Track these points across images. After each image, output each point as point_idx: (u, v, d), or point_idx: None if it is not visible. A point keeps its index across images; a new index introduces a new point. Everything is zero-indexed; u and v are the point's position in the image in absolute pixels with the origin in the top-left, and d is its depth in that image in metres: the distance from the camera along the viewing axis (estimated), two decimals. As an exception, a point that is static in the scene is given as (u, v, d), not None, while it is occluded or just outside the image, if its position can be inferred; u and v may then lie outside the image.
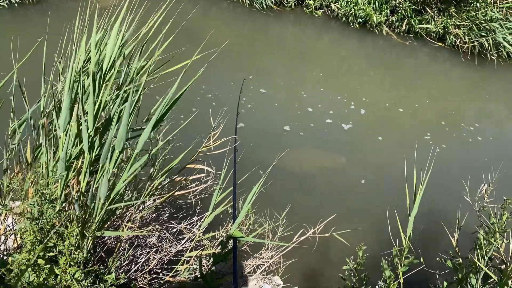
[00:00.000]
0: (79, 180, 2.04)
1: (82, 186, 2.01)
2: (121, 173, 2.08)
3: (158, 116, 2.00)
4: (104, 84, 2.00)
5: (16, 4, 6.91)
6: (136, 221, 2.53)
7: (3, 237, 2.12)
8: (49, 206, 1.79)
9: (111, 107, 2.06)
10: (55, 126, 2.14)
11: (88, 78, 2.00)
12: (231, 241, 2.28)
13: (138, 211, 2.58)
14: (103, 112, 2.04)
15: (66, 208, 2.10)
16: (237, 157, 2.76)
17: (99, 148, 2.03)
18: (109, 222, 2.27)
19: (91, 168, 2.05)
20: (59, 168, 1.95)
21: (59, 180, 1.97)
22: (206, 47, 2.24)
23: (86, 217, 2.05)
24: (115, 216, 2.46)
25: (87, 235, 1.97)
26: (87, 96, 2.00)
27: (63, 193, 2.02)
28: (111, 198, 1.99)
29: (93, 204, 2.02)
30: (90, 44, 2.11)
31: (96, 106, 1.94)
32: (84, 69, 2.08)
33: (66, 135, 1.97)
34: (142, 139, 1.99)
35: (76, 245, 1.80)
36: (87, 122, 1.91)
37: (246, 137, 4.83)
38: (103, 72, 2.01)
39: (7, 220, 2.24)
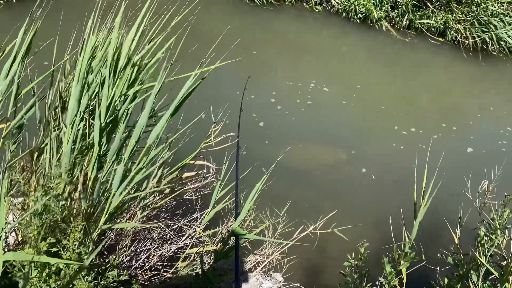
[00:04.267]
0: (87, 173, 2.04)
1: (91, 176, 2.01)
2: (131, 167, 2.09)
3: (175, 105, 2.01)
4: (118, 78, 2.01)
5: (14, 1, 6.87)
6: (137, 218, 2.53)
7: (4, 234, 2.13)
8: (54, 201, 1.79)
9: (122, 103, 2.07)
10: (59, 123, 2.15)
11: (103, 69, 2.01)
12: (232, 238, 2.28)
13: (142, 208, 2.58)
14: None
15: (70, 204, 2.10)
16: (238, 153, 2.75)
17: (106, 143, 2.04)
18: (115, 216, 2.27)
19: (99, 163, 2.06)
20: (63, 163, 1.95)
21: (63, 175, 1.97)
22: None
23: (93, 211, 2.05)
24: (122, 210, 2.47)
25: (95, 228, 1.98)
26: (96, 88, 2.02)
27: (67, 188, 2.02)
28: (126, 190, 2.01)
29: (100, 198, 2.03)
30: (100, 36, 2.12)
31: (110, 99, 1.94)
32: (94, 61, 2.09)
33: (72, 127, 1.98)
34: (158, 128, 2.01)
35: (80, 240, 1.80)
36: (99, 114, 1.92)
37: (247, 133, 4.83)
38: (120, 65, 2.02)
39: (8, 216, 2.24)
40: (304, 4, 9.19)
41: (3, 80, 2.05)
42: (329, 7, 9.15)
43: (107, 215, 2.04)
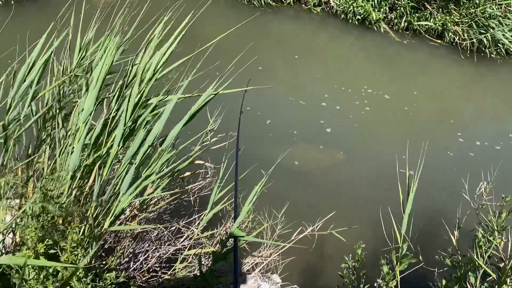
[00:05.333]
0: (100, 173, 2.06)
1: (104, 174, 2.02)
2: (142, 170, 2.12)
3: (192, 113, 2.08)
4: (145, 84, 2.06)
5: (12, 2, 6.86)
6: (136, 220, 2.53)
7: (1, 235, 2.12)
8: (52, 202, 1.78)
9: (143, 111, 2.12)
10: (57, 122, 2.15)
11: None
12: (230, 240, 2.27)
13: (142, 210, 2.58)
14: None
15: (70, 205, 2.10)
16: (238, 155, 2.75)
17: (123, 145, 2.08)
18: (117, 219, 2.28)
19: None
20: (72, 163, 1.95)
21: (69, 175, 1.98)
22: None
23: (97, 213, 2.05)
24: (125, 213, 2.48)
25: (100, 229, 1.98)
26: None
27: (71, 190, 2.03)
28: (133, 193, 2.02)
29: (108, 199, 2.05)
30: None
31: (135, 105, 1.98)
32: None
33: (85, 126, 1.99)
34: (172, 134, 2.07)
35: (82, 242, 1.80)
36: (126, 114, 1.96)
37: (245, 134, 4.83)
38: (149, 74, 2.07)
39: (5, 218, 2.24)
40: (303, 5, 9.20)
41: (21, 84, 2.06)
42: (328, 8, 9.16)
43: (112, 217, 2.05)
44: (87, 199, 2.11)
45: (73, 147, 1.99)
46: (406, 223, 2.22)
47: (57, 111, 2.18)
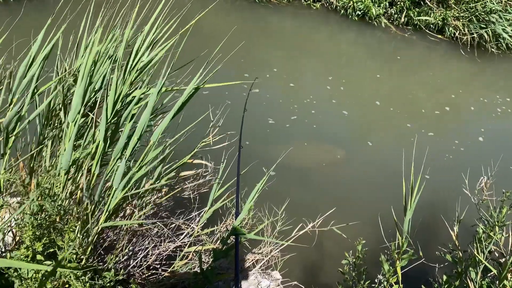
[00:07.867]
0: (90, 170, 2.04)
1: (94, 172, 2.01)
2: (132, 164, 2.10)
3: (179, 106, 2.03)
4: (127, 76, 2.02)
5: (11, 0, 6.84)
6: (135, 217, 2.52)
7: (1, 234, 2.12)
8: (49, 201, 1.78)
9: (127, 103, 2.09)
10: (60, 121, 2.14)
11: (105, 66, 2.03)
12: (231, 237, 2.27)
13: (140, 207, 2.57)
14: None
15: (68, 203, 2.09)
16: (240, 153, 2.74)
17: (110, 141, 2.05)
18: (114, 216, 2.27)
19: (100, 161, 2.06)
20: (64, 161, 1.94)
21: (62, 173, 1.96)
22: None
23: (93, 210, 2.05)
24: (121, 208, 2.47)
25: (95, 226, 1.97)
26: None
27: (66, 188, 2.02)
28: (126, 187, 2.01)
29: (102, 195, 2.03)
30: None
31: (117, 96, 1.95)
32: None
33: (74, 125, 1.97)
34: (162, 126, 2.02)
35: (77, 240, 1.79)
36: (106, 111, 1.93)
37: (246, 132, 4.81)
38: (128, 66, 2.03)
39: (4, 216, 2.23)
40: (302, 1, 9.17)
41: (21, 80, 2.04)
42: (327, 4, 9.12)
43: (107, 213, 2.04)
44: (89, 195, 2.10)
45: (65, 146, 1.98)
46: (407, 226, 2.22)
47: (60, 108, 2.17)
